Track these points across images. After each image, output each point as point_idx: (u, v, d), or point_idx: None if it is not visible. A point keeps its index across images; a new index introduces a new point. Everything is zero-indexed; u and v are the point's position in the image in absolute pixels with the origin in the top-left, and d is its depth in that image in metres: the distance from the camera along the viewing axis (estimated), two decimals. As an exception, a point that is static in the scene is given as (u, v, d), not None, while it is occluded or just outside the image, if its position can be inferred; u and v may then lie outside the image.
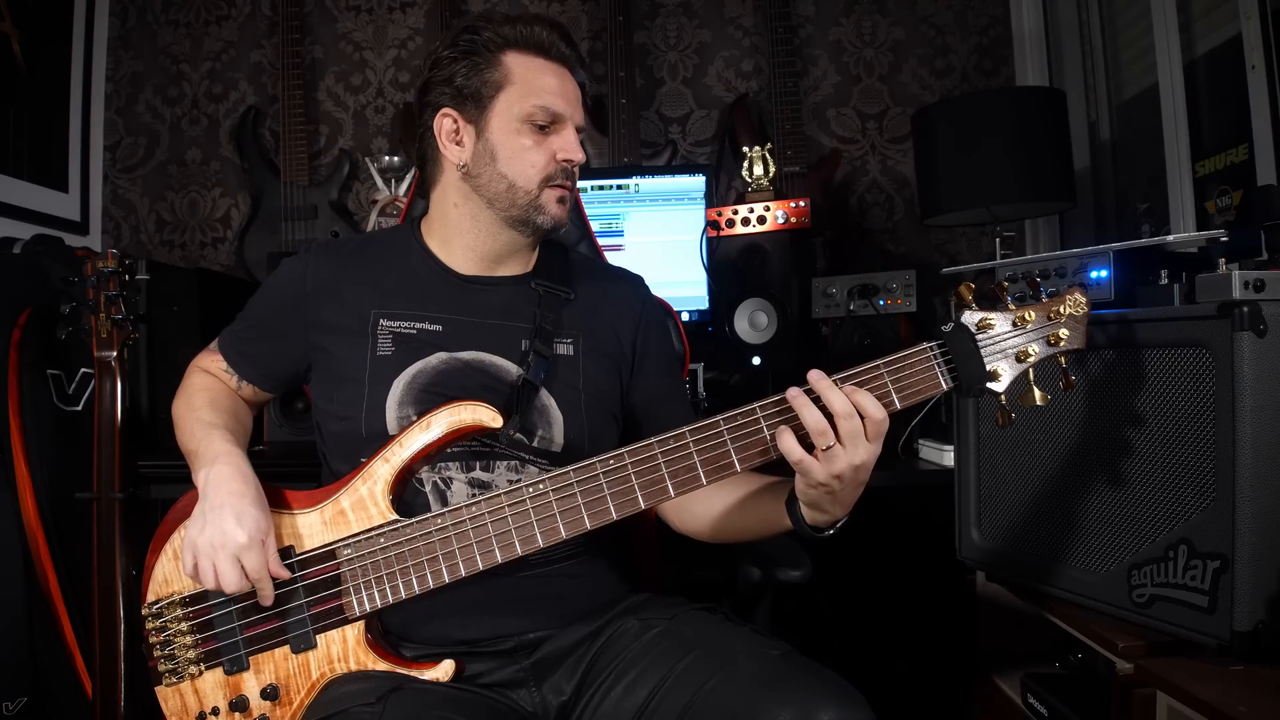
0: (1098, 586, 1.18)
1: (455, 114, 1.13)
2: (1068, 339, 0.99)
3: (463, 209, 1.17)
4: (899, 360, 0.98)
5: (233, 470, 1.05)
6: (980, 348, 0.99)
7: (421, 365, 1.13)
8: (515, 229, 1.16)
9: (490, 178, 1.13)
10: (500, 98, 1.12)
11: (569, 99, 1.14)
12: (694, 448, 1.00)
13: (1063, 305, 1.00)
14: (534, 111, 1.11)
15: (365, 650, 1.06)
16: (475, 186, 1.15)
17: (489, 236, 1.18)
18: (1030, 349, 0.99)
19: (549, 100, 1.12)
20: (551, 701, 1.09)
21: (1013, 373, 0.99)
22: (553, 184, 1.14)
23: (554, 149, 1.13)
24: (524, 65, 1.12)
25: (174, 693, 1.08)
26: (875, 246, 2.57)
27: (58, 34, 2.48)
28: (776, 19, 2.44)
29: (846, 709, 0.92)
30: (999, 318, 1.00)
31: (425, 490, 1.11)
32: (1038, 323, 1.00)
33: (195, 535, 1.01)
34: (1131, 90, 2.26)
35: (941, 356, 0.99)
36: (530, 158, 1.12)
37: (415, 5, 2.65)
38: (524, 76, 1.12)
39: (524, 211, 1.14)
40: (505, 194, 1.13)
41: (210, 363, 1.23)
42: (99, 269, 1.52)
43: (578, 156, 1.14)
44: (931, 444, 1.76)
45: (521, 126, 1.12)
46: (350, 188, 2.60)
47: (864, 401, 0.94)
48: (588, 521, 1.02)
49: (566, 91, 1.14)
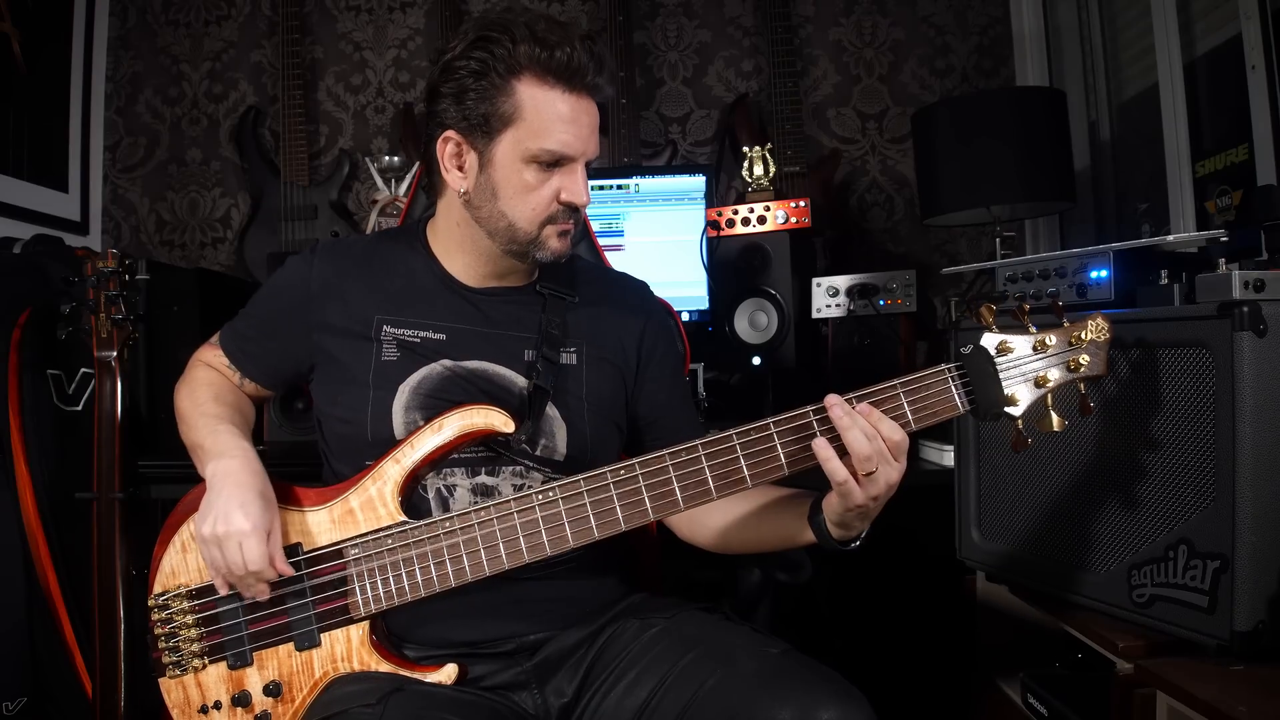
0: (1098, 586, 1.18)
1: (459, 139, 1.09)
2: (1088, 365, 0.98)
3: (464, 230, 1.15)
4: (916, 381, 0.98)
5: (241, 463, 1.06)
6: (999, 371, 0.98)
7: (425, 372, 1.12)
8: (514, 259, 1.15)
9: (490, 213, 1.10)
10: (508, 133, 1.06)
11: (582, 135, 1.07)
12: (705, 461, 1.00)
13: (1084, 330, 0.99)
14: (540, 154, 1.06)
15: (369, 650, 1.06)
16: (475, 216, 1.12)
17: (490, 259, 1.16)
18: (1049, 374, 0.98)
19: (558, 145, 1.05)
20: (553, 703, 1.09)
21: (1030, 398, 0.98)
22: (554, 223, 1.10)
23: (558, 189, 1.08)
24: (538, 99, 1.04)
25: (177, 685, 1.09)
26: (875, 246, 2.57)
27: (58, 34, 2.48)
28: (776, 19, 2.44)
29: (847, 707, 0.92)
30: (1019, 341, 0.99)
31: (429, 496, 1.10)
32: (1058, 347, 0.99)
33: (200, 525, 1.02)
34: (1131, 90, 2.26)
35: (959, 379, 0.98)
36: (532, 200, 1.08)
37: (415, 5, 2.64)
38: (535, 112, 1.05)
39: (523, 247, 1.12)
40: (505, 231, 1.10)
41: (212, 357, 1.23)
42: (99, 269, 1.52)
43: (581, 201, 1.09)
44: (932, 444, 1.76)
45: (526, 165, 1.06)
46: (350, 188, 2.60)
47: (882, 428, 0.94)
48: (596, 531, 1.02)
49: (580, 127, 1.07)
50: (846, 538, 1.02)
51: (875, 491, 0.94)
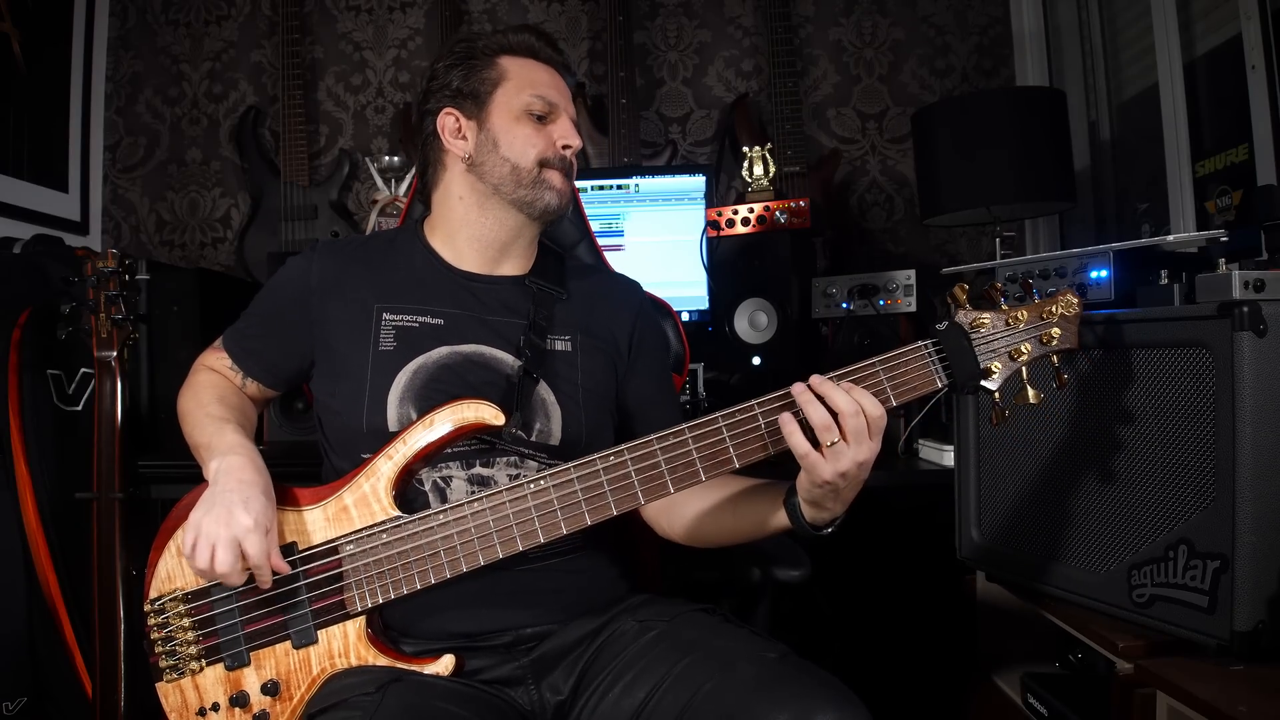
0: (1098, 586, 1.18)
1: (456, 112, 1.20)
2: (1060, 338, 1.01)
3: (469, 200, 1.21)
4: (895, 358, 1.00)
5: (245, 461, 1.07)
6: (974, 345, 1.01)
7: (423, 359, 1.14)
8: (522, 211, 1.20)
9: (494, 163, 1.18)
10: (498, 93, 1.19)
11: (562, 92, 1.23)
12: (693, 444, 1.01)
13: (1055, 305, 1.02)
14: (531, 102, 1.18)
15: (366, 645, 1.06)
16: (480, 175, 1.19)
17: (496, 223, 1.21)
18: (1023, 347, 1.01)
19: (544, 91, 1.19)
20: (549, 700, 1.10)
21: (1006, 371, 1.01)
22: (551, 167, 1.19)
23: (553, 136, 1.20)
24: (518, 64, 1.21)
25: (174, 688, 1.09)
26: (875, 246, 2.57)
27: (58, 34, 2.48)
28: (776, 19, 2.44)
29: (844, 712, 0.92)
30: (992, 317, 1.02)
31: (425, 489, 1.11)
32: (1030, 322, 1.01)
33: (200, 517, 1.02)
34: (1131, 90, 2.26)
35: (936, 354, 1.00)
36: (531, 141, 1.18)
37: (415, 5, 2.65)
38: (518, 73, 1.20)
39: (529, 190, 1.18)
40: (510, 176, 1.18)
41: (215, 360, 1.24)
42: (99, 269, 1.52)
43: (575, 141, 1.21)
44: (931, 444, 1.76)
45: (520, 116, 1.18)
46: (350, 188, 2.60)
47: (862, 399, 0.95)
48: (588, 517, 1.03)
49: (559, 86, 1.23)
50: (819, 520, 1.02)
51: (842, 467, 0.94)
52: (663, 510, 1.21)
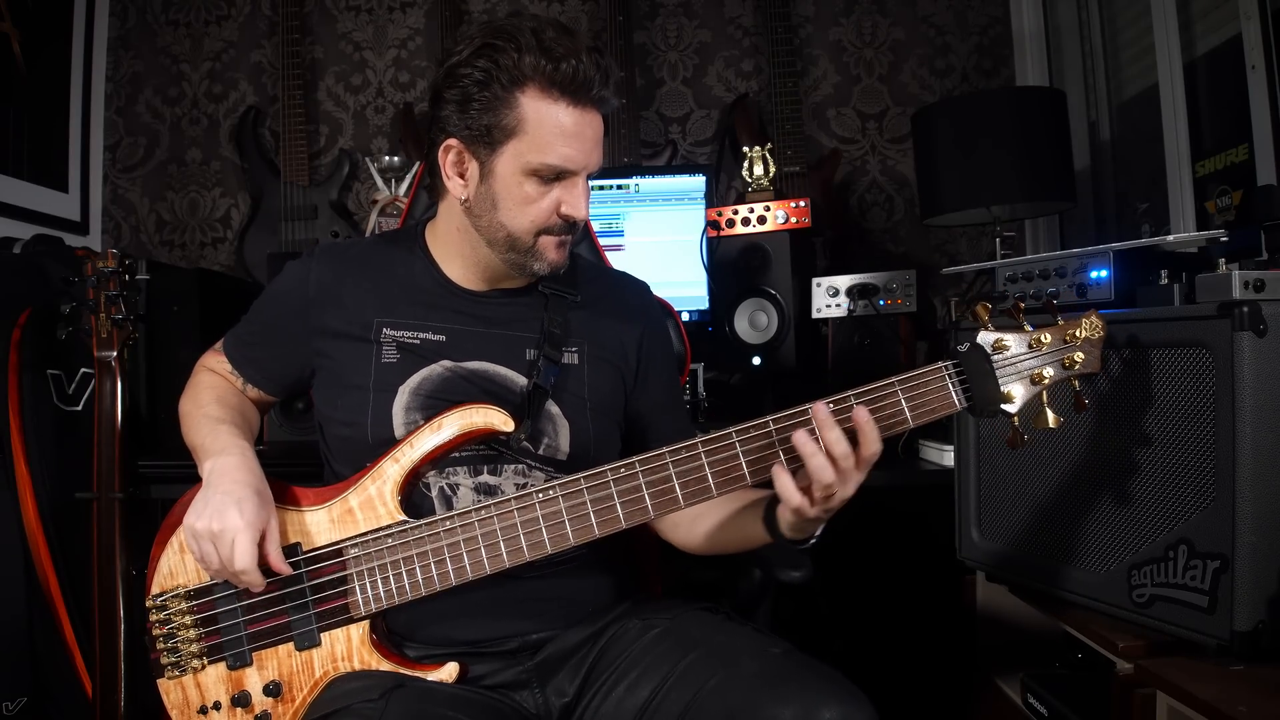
0: (1098, 586, 1.18)
1: (461, 147, 1.08)
2: (1083, 362, 0.99)
3: (464, 236, 1.15)
4: (914, 378, 0.98)
5: (239, 461, 1.07)
6: (995, 368, 0.99)
7: (426, 373, 1.12)
8: (512, 269, 1.14)
9: (489, 223, 1.10)
10: (509, 145, 1.05)
11: (585, 149, 1.06)
12: (706, 459, 1.00)
13: (1079, 329, 1.00)
14: (541, 169, 1.05)
15: (369, 650, 1.06)
16: (474, 224, 1.12)
17: (489, 266, 1.16)
18: (1045, 371, 0.99)
19: (559, 160, 1.05)
20: (554, 703, 1.09)
21: (1026, 395, 0.99)
22: (551, 234, 1.10)
23: (558, 201, 1.08)
24: (541, 113, 1.03)
25: (176, 686, 1.09)
26: (875, 246, 2.57)
27: (58, 34, 2.48)
28: (776, 19, 2.44)
29: (849, 707, 0.92)
30: (1014, 339, 1.00)
31: (431, 495, 1.10)
32: (1053, 345, 0.99)
33: (193, 520, 1.02)
34: (1131, 90, 2.26)
35: (956, 376, 0.99)
36: (531, 211, 1.07)
37: (415, 5, 2.64)
38: (538, 125, 1.03)
39: (521, 258, 1.11)
40: (503, 241, 1.10)
41: (216, 363, 1.24)
42: (99, 269, 1.52)
43: (579, 215, 1.09)
44: (931, 444, 1.76)
45: (527, 178, 1.06)
46: (350, 188, 2.60)
47: (868, 431, 0.94)
48: (597, 529, 1.02)
49: (584, 141, 1.06)
50: (800, 537, 1.03)
51: (830, 506, 0.96)
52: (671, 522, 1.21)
